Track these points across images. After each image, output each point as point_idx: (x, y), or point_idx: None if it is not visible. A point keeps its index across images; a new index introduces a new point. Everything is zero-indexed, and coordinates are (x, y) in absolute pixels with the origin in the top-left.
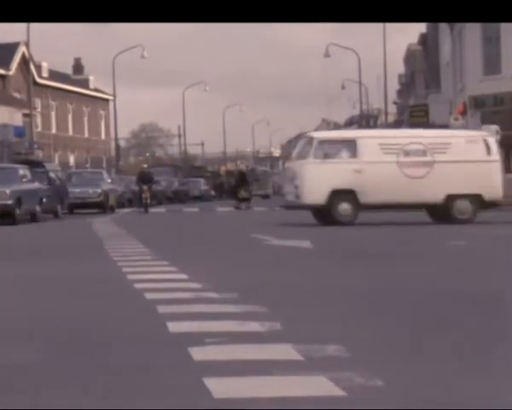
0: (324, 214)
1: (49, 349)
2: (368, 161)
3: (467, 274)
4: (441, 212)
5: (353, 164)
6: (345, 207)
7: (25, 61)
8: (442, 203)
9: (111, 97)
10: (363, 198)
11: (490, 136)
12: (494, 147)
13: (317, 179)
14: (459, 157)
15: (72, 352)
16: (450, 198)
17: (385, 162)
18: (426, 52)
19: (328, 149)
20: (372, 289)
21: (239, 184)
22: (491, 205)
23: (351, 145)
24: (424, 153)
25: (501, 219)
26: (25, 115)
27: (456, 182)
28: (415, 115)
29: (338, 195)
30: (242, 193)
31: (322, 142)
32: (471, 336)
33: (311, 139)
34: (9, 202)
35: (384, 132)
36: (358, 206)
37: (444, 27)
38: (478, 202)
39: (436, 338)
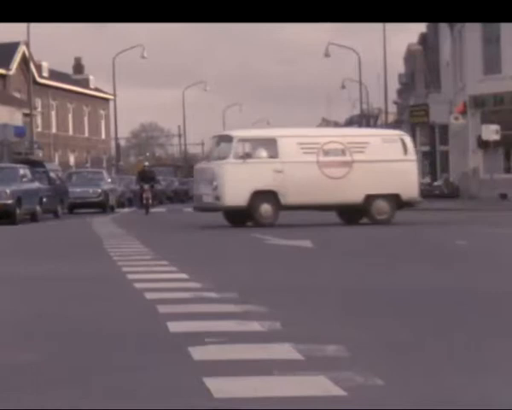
0: (244, 216)
1: (49, 349)
2: (288, 161)
3: (464, 273)
4: (353, 213)
5: (274, 164)
6: (266, 208)
7: (25, 61)
8: (361, 204)
9: (111, 97)
10: (284, 199)
11: (406, 135)
12: (410, 146)
13: (238, 180)
14: (377, 157)
15: (73, 352)
16: (369, 198)
17: (305, 162)
18: (426, 52)
19: (249, 149)
20: (372, 289)
21: None
22: (407, 204)
23: (271, 144)
24: (343, 152)
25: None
26: (25, 115)
27: (375, 182)
28: (415, 115)
29: (259, 196)
30: None
31: (242, 141)
32: (471, 335)
33: (229, 138)
34: (9, 201)
35: (303, 131)
36: (279, 207)
37: (444, 27)
38: (396, 201)
39: (436, 337)
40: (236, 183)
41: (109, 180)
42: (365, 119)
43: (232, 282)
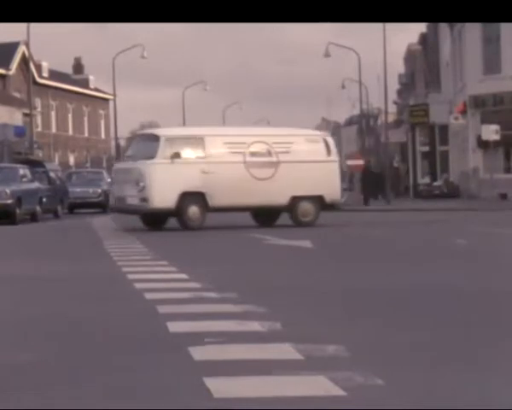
0: (164, 218)
1: (49, 349)
2: (215, 162)
3: (465, 273)
4: (269, 215)
5: (202, 164)
6: (194, 210)
7: (25, 61)
8: (287, 205)
9: (111, 97)
10: (212, 201)
11: (328, 136)
12: (333, 147)
13: (166, 181)
14: (301, 158)
15: (72, 352)
16: (295, 200)
17: (232, 162)
18: (426, 52)
19: (176, 149)
20: (372, 289)
21: None
22: (330, 207)
23: (199, 144)
24: (269, 153)
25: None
26: (25, 115)
27: (300, 183)
28: (415, 115)
29: (187, 197)
30: None
31: (170, 140)
32: (471, 335)
33: (156, 137)
34: (9, 201)
35: (230, 130)
36: (207, 209)
37: (444, 27)
38: (320, 203)
39: (436, 337)
40: (164, 184)
41: (109, 180)
42: (365, 119)
43: (232, 282)
